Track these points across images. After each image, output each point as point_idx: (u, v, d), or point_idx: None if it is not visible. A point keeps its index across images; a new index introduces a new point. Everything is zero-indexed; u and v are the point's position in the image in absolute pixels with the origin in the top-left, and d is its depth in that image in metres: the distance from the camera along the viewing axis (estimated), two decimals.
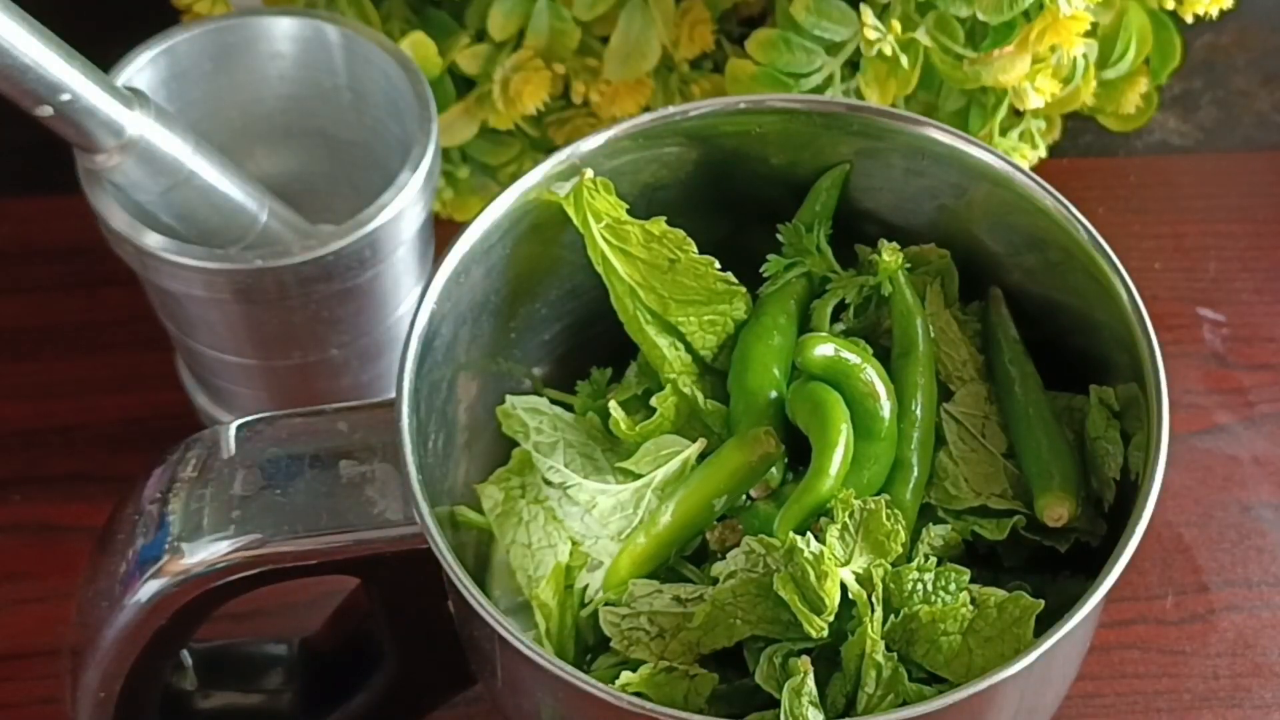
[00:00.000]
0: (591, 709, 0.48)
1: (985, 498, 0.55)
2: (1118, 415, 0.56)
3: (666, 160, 0.59)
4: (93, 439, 0.76)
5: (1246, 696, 0.68)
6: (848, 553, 0.51)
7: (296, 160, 0.75)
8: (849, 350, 0.55)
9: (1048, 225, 0.56)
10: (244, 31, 0.70)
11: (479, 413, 0.60)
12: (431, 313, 0.54)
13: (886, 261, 0.58)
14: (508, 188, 0.57)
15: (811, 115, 0.59)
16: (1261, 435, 0.76)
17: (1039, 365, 0.58)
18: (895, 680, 0.50)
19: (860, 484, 0.54)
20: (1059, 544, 0.56)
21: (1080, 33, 0.67)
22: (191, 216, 0.66)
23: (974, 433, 0.56)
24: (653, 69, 0.74)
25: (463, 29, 0.76)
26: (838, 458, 0.53)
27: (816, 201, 0.60)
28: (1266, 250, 0.83)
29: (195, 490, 0.53)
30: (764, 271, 0.60)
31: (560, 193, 0.56)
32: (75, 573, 0.56)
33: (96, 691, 0.54)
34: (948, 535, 0.54)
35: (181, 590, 0.52)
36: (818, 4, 0.69)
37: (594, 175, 0.56)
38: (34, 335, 0.79)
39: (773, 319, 0.58)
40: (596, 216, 0.56)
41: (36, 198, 0.83)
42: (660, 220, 0.56)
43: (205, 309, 0.66)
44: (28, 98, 0.58)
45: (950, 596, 0.52)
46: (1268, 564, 0.72)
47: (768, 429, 0.54)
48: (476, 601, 0.48)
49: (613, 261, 0.57)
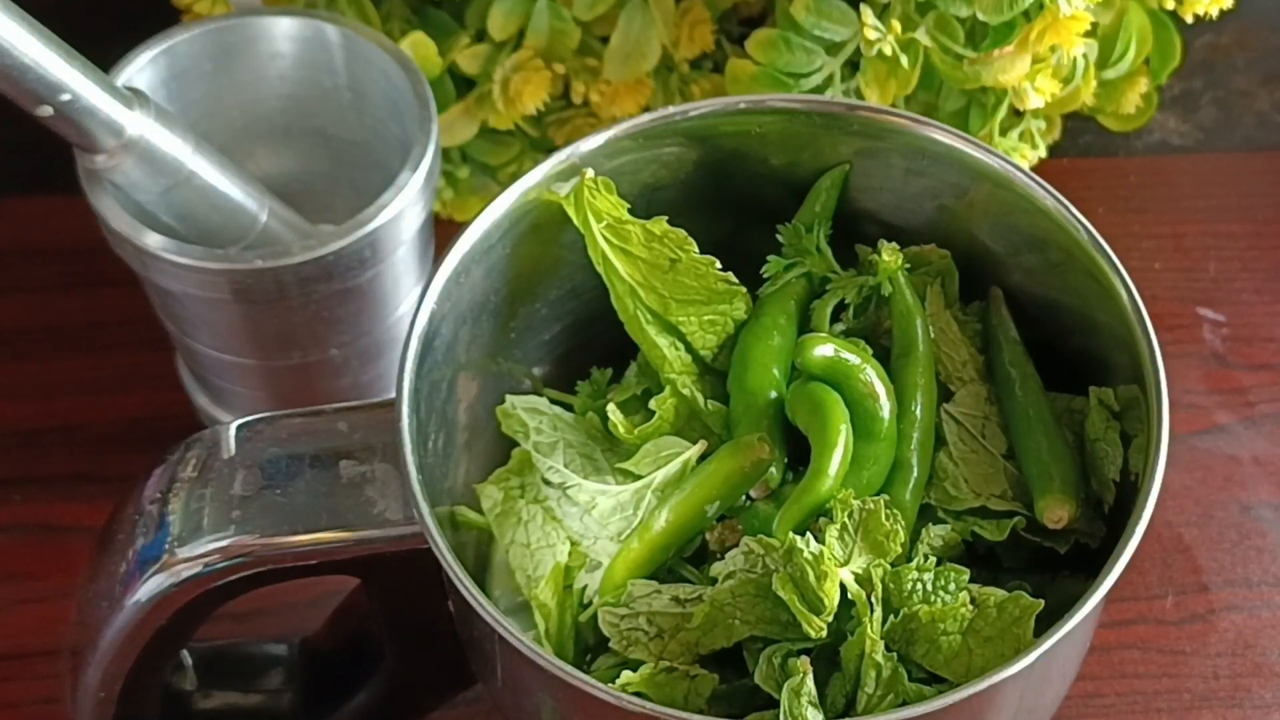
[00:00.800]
0: (591, 709, 0.48)
1: (985, 498, 0.55)
2: (1117, 416, 0.56)
3: (666, 160, 0.59)
4: (93, 439, 0.76)
5: (1246, 696, 0.68)
6: (847, 553, 0.51)
7: (296, 160, 0.75)
8: (849, 351, 0.55)
9: (1048, 225, 0.56)
10: (244, 31, 0.70)
11: (479, 413, 0.60)
12: (431, 313, 0.54)
13: (886, 262, 0.58)
14: (508, 188, 0.57)
15: (811, 115, 0.59)
16: (1261, 435, 0.76)
17: (1039, 366, 0.58)
18: (895, 680, 0.50)
19: (860, 484, 0.54)
20: (1059, 545, 0.56)
21: (1080, 33, 0.67)
22: (191, 216, 0.66)
23: (974, 433, 0.56)
24: (653, 69, 0.74)
25: (463, 29, 0.76)
26: (837, 458, 0.53)
27: (816, 202, 0.60)
28: (1266, 250, 0.83)
29: (195, 490, 0.53)
30: (764, 272, 0.60)
31: (561, 192, 0.56)
32: (75, 573, 0.56)
33: (96, 691, 0.54)
34: (947, 535, 0.55)
35: (181, 590, 0.52)
36: (818, 4, 0.69)
37: (594, 175, 0.56)
38: (34, 335, 0.79)
39: (772, 319, 0.58)
40: (597, 216, 0.56)
41: (36, 198, 0.83)
42: (661, 220, 0.56)
43: (205, 309, 0.66)
44: (28, 98, 0.58)
45: (950, 596, 0.52)
46: (1268, 564, 0.72)
47: (762, 435, 0.54)
48: (476, 601, 0.48)
49: (613, 261, 0.57)
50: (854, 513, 0.52)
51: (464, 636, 0.55)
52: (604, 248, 0.56)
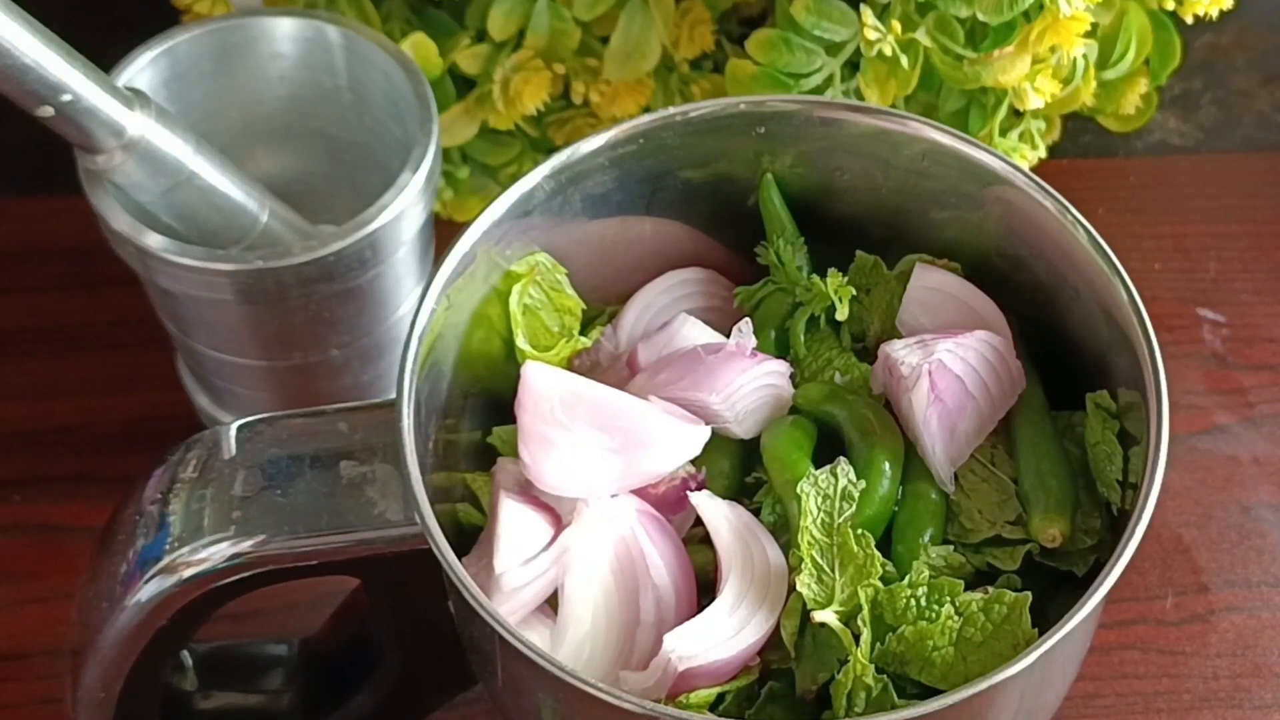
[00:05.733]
0: (591, 709, 0.48)
1: (999, 526, 0.54)
2: (1117, 417, 0.56)
3: (666, 160, 0.59)
4: (93, 439, 0.76)
5: (1246, 697, 0.68)
6: (827, 591, 0.51)
7: (297, 161, 0.75)
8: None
9: (1048, 226, 0.56)
10: (244, 32, 0.70)
11: (480, 413, 0.60)
12: (431, 313, 0.54)
13: (832, 287, 0.59)
14: (508, 188, 0.57)
15: (811, 116, 0.59)
16: (1261, 435, 0.76)
17: (1039, 370, 0.58)
18: (884, 699, 0.50)
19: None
20: (1076, 567, 0.55)
21: (1080, 33, 0.67)
22: (192, 217, 0.66)
23: (983, 461, 0.56)
24: (653, 69, 0.74)
25: (463, 29, 0.76)
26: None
27: (769, 218, 0.60)
28: (1266, 250, 0.83)
29: (196, 491, 0.53)
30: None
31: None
32: (75, 573, 0.56)
33: (97, 691, 0.54)
34: (949, 556, 0.54)
35: (182, 591, 0.52)
36: (818, 4, 0.69)
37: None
38: (34, 335, 0.79)
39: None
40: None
41: (37, 198, 0.83)
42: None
43: (206, 309, 0.66)
44: (29, 98, 0.58)
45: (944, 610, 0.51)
46: (1268, 564, 0.72)
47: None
48: (476, 601, 0.48)
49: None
50: (821, 549, 0.51)
51: (464, 636, 0.55)
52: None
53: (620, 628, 0.52)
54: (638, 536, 0.53)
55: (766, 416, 0.57)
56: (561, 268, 0.59)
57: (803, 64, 0.69)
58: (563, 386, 0.54)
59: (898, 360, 0.55)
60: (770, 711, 0.52)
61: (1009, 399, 0.56)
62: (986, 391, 0.56)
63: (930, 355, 0.55)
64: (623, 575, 0.53)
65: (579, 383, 0.55)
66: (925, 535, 0.54)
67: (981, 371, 0.56)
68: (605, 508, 0.53)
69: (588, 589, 0.53)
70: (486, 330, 0.58)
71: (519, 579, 0.52)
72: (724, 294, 0.62)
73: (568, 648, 0.52)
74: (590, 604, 0.53)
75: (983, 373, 0.56)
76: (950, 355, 0.55)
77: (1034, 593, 0.51)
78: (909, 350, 0.56)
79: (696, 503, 0.54)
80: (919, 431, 0.54)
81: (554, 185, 0.57)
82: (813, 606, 0.51)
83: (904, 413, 0.55)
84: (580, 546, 0.53)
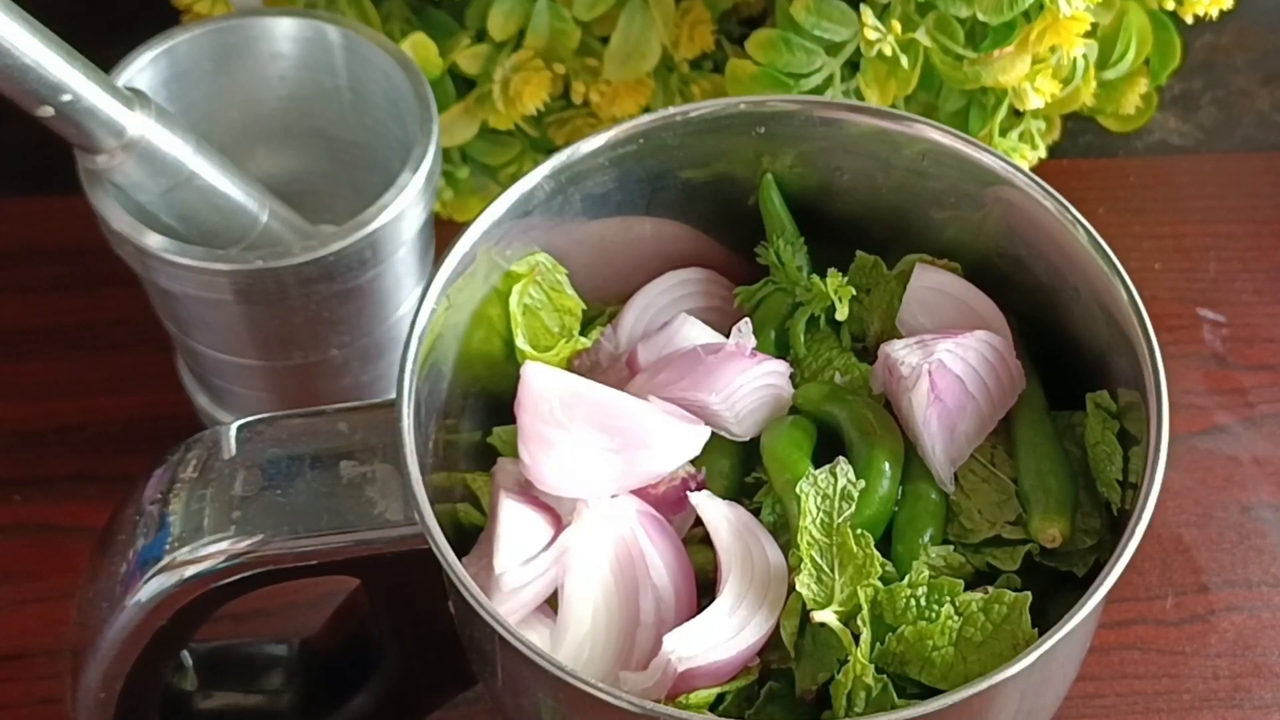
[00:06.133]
0: (591, 709, 0.48)
1: (999, 527, 0.54)
2: (1117, 417, 0.56)
3: (666, 160, 0.59)
4: (93, 439, 0.76)
5: (1246, 697, 0.68)
6: (827, 591, 0.51)
7: (297, 160, 0.75)
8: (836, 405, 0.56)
9: (1048, 226, 0.56)
10: (244, 32, 0.70)
11: (480, 413, 0.60)
12: (431, 313, 0.54)
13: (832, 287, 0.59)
14: (508, 188, 0.57)
15: (811, 116, 0.59)
16: (1261, 435, 0.76)
17: (1040, 371, 0.58)
18: (884, 699, 0.50)
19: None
20: (1076, 568, 0.55)
21: (1080, 33, 0.67)
22: (192, 217, 0.66)
23: (983, 461, 0.56)
24: (653, 69, 0.74)
25: (463, 29, 0.76)
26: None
27: (768, 218, 0.60)
28: (1266, 250, 0.83)
29: (196, 491, 0.53)
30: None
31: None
32: (75, 573, 0.56)
33: (97, 691, 0.54)
34: (949, 557, 0.54)
35: (182, 591, 0.52)
36: (818, 4, 0.69)
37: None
38: (34, 335, 0.79)
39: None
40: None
41: (37, 198, 0.83)
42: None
43: (206, 309, 0.66)
44: (29, 98, 0.58)
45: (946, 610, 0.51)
46: (1268, 564, 0.72)
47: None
48: (476, 601, 0.48)
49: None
50: (821, 550, 0.51)
51: (464, 637, 0.55)
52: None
53: (620, 628, 0.52)
54: (638, 537, 0.53)
55: (766, 417, 0.57)
56: (561, 268, 0.59)
57: (803, 64, 0.69)
58: (562, 387, 0.54)
59: (898, 360, 0.55)
60: (770, 712, 0.52)
61: (1009, 399, 0.56)
62: (986, 391, 0.56)
63: (930, 355, 0.55)
64: (623, 575, 0.53)
65: (579, 383, 0.55)
66: (925, 535, 0.54)
67: (981, 371, 0.56)
68: (605, 508, 0.53)
69: (588, 589, 0.53)
70: (486, 330, 0.58)
71: (519, 579, 0.52)
72: (724, 294, 0.62)
73: (568, 648, 0.52)
74: (590, 604, 0.53)
75: (983, 373, 0.56)
76: (950, 355, 0.55)
77: (1034, 593, 0.51)
78: (909, 350, 0.56)
79: (696, 503, 0.54)
80: (919, 431, 0.54)
81: (554, 185, 0.57)
82: (812, 606, 0.51)
83: (904, 413, 0.55)
84: (580, 546, 0.53)
